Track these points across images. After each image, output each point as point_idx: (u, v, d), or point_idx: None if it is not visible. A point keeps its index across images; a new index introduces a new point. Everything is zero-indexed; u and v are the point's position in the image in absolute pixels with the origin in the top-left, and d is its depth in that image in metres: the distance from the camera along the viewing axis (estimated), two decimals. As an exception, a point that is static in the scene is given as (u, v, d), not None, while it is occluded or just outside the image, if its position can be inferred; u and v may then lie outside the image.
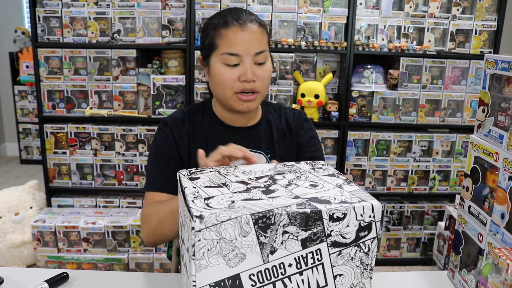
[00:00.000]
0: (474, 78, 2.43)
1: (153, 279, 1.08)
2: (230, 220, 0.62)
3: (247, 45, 1.07)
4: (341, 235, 0.68)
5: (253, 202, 0.67)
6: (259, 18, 1.16)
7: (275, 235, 0.65)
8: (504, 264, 0.78)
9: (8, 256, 2.42)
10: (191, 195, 0.69)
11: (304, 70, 2.47)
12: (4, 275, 1.02)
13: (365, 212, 0.69)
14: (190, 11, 2.27)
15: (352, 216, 0.68)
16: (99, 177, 2.49)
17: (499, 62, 0.92)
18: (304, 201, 0.68)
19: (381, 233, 2.62)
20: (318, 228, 0.66)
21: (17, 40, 3.98)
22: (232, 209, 0.64)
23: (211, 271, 0.64)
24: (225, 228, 0.62)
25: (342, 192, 0.72)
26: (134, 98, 2.41)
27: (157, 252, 2.43)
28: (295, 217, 0.65)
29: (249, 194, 0.70)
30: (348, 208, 0.67)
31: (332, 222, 0.67)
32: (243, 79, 1.08)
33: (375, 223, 0.70)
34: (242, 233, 0.63)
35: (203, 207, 0.64)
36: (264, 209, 0.64)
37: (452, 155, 2.53)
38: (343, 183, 0.76)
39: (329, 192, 0.72)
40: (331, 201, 0.68)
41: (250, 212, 0.63)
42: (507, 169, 0.87)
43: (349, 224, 0.68)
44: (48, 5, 2.31)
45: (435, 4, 2.36)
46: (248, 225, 0.63)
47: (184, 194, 0.70)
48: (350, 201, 0.69)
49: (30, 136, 4.18)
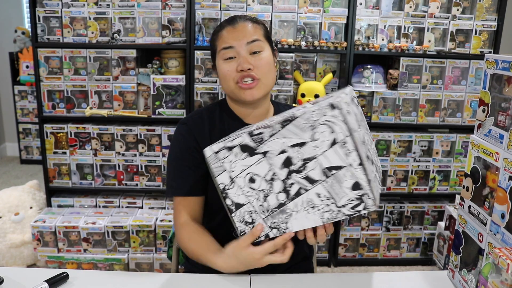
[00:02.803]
0: (474, 78, 2.43)
1: (153, 279, 1.08)
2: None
3: (239, 37, 1.17)
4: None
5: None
6: (256, 18, 1.25)
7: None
8: (504, 264, 0.78)
9: (8, 256, 2.42)
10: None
11: (304, 70, 2.47)
12: (4, 275, 1.02)
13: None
14: (190, 11, 2.27)
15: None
16: (99, 177, 2.49)
17: (499, 62, 0.92)
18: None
19: (381, 233, 2.62)
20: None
21: (17, 40, 3.98)
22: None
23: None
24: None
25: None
26: (134, 98, 2.41)
27: (157, 252, 2.43)
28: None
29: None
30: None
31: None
32: (239, 69, 1.16)
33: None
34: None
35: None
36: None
37: (452, 155, 2.53)
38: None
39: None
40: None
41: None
42: (507, 169, 0.87)
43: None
44: (48, 5, 2.31)
45: (435, 4, 2.36)
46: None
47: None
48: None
49: (30, 136, 4.18)
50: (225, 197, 0.96)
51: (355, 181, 0.88)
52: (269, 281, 1.06)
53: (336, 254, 2.60)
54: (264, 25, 1.25)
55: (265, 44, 1.20)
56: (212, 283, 1.04)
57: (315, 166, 0.89)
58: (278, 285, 1.05)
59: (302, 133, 0.89)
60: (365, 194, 0.88)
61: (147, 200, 2.57)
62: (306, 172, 0.90)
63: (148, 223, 2.38)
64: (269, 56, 1.20)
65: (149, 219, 2.41)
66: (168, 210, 2.55)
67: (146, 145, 2.45)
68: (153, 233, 2.40)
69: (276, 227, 0.96)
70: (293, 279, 1.08)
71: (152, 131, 2.43)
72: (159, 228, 2.39)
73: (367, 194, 0.88)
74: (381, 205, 2.57)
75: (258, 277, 1.07)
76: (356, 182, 0.88)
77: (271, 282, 1.06)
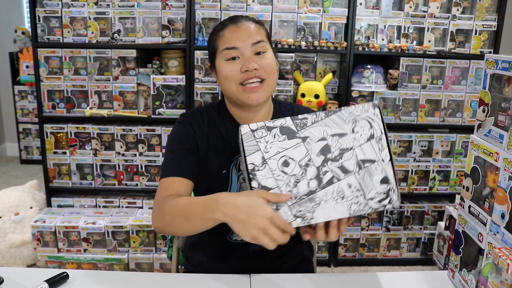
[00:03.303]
0: (474, 78, 2.43)
1: (153, 279, 1.08)
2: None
3: (244, 38, 1.14)
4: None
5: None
6: (257, 19, 1.22)
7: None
8: (504, 264, 0.78)
9: (8, 256, 2.42)
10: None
11: (304, 70, 2.47)
12: (4, 275, 1.02)
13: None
14: (190, 11, 2.27)
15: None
16: (99, 177, 2.49)
17: (499, 62, 0.92)
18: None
19: (381, 233, 2.62)
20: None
21: (17, 40, 3.98)
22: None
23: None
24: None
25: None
26: (134, 98, 2.41)
27: (157, 252, 2.43)
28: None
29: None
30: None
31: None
32: (245, 69, 1.12)
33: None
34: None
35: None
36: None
37: (452, 155, 2.53)
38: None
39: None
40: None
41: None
42: (507, 169, 0.87)
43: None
44: (48, 5, 2.31)
45: (435, 4, 2.36)
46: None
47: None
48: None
49: (30, 136, 4.18)
50: (251, 178, 0.92)
51: (384, 175, 0.92)
52: (269, 281, 1.06)
53: (336, 254, 2.60)
54: (265, 27, 1.22)
55: (268, 45, 1.18)
56: (212, 283, 1.04)
57: (350, 157, 0.93)
58: (278, 285, 1.05)
59: (344, 125, 0.94)
60: (391, 189, 0.92)
61: (147, 200, 2.57)
62: (341, 161, 0.92)
63: (148, 223, 2.38)
64: (272, 57, 1.18)
65: (149, 219, 2.41)
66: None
67: (146, 145, 2.45)
68: (153, 233, 2.40)
69: (301, 216, 0.92)
70: (293, 279, 1.08)
71: (152, 131, 2.43)
72: (159, 228, 2.39)
73: (393, 189, 0.92)
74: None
75: (258, 277, 1.07)
76: (385, 176, 0.92)
77: (271, 282, 1.06)
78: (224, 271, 1.10)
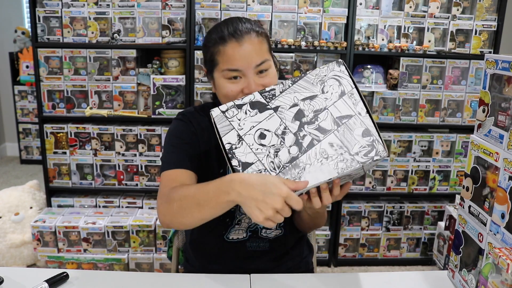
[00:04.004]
0: (474, 78, 2.43)
1: (153, 279, 1.08)
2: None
3: (247, 59, 1.07)
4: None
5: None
6: (257, 25, 1.14)
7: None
8: (504, 264, 0.78)
9: (8, 256, 2.42)
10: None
11: (304, 70, 2.47)
12: (4, 275, 1.02)
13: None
14: (190, 11, 2.27)
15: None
16: (99, 177, 2.49)
17: (499, 62, 0.92)
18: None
19: (381, 233, 2.62)
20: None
21: (17, 40, 3.98)
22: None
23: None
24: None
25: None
26: (134, 98, 2.41)
27: (157, 252, 2.43)
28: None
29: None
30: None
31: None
32: (247, 92, 1.07)
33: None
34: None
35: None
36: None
37: (452, 155, 2.53)
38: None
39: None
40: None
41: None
42: (507, 169, 0.87)
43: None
44: (48, 5, 2.31)
45: (435, 4, 2.36)
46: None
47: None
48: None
49: (30, 136, 4.18)
50: (230, 157, 0.91)
51: (364, 128, 0.91)
52: (269, 281, 1.06)
53: (336, 254, 2.60)
54: (267, 34, 1.15)
55: (270, 60, 1.12)
56: (212, 283, 1.04)
57: (326, 117, 0.92)
58: (278, 285, 1.05)
59: (313, 87, 0.95)
60: (375, 140, 0.90)
61: (147, 200, 2.57)
62: (318, 123, 0.92)
63: (148, 223, 2.38)
64: (274, 71, 1.14)
65: (149, 219, 2.41)
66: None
67: (146, 145, 2.45)
68: (153, 233, 2.40)
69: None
70: (293, 279, 1.08)
71: (152, 131, 2.43)
72: (159, 228, 2.39)
73: (377, 139, 0.90)
74: (381, 205, 2.58)
75: (258, 277, 1.07)
76: (366, 128, 0.91)
77: (271, 282, 1.06)
78: (224, 272, 1.10)
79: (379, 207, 2.58)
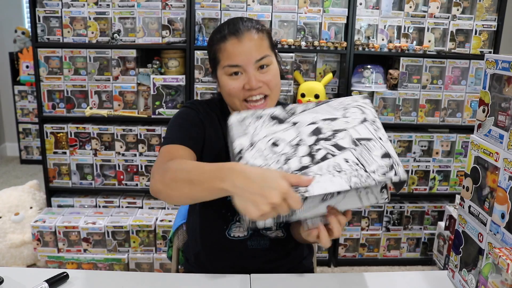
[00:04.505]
0: (474, 78, 2.43)
1: (153, 279, 1.08)
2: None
3: (247, 55, 1.09)
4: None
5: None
6: (258, 23, 1.14)
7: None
8: (504, 264, 0.78)
9: (8, 256, 2.42)
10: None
11: (304, 70, 2.47)
12: (4, 275, 1.02)
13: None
14: (190, 11, 2.27)
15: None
16: (99, 177, 2.49)
17: (499, 62, 0.92)
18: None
19: (381, 233, 2.62)
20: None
21: (17, 40, 3.98)
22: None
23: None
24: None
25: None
26: (134, 98, 2.41)
27: (157, 252, 2.43)
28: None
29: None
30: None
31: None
32: (248, 88, 1.09)
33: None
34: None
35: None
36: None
37: (452, 155, 2.53)
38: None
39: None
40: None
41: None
42: (507, 169, 0.87)
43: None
44: (48, 5, 2.31)
45: (435, 4, 2.36)
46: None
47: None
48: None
49: (30, 136, 4.18)
50: (239, 159, 0.87)
51: (384, 151, 0.87)
52: (269, 281, 1.06)
53: (336, 254, 2.60)
54: (268, 32, 1.16)
55: (272, 56, 1.13)
56: (212, 283, 1.04)
57: (345, 136, 0.89)
58: (278, 285, 1.05)
59: (334, 111, 0.94)
60: (395, 163, 0.86)
61: (147, 200, 2.57)
62: (335, 140, 0.88)
63: (148, 223, 2.38)
64: (276, 68, 1.15)
65: (149, 219, 2.41)
66: (168, 210, 2.55)
67: (146, 145, 2.45)
68: (153, 233, 2.40)
69: (294, 190, 0.83)
70: (293, 279, 1.08)
71: (152, 131, 2.43)
72: (159, 228, 2.39)
73: (397, 163, 0.86)
74: (381, 205, 2.58)
75: (258, 277, 1.07)
76: (386, 152, 0.87)
77: (271, 282, 1.06)
78: (224, 271, 1.10)
79: (379, 207, 2.58)
